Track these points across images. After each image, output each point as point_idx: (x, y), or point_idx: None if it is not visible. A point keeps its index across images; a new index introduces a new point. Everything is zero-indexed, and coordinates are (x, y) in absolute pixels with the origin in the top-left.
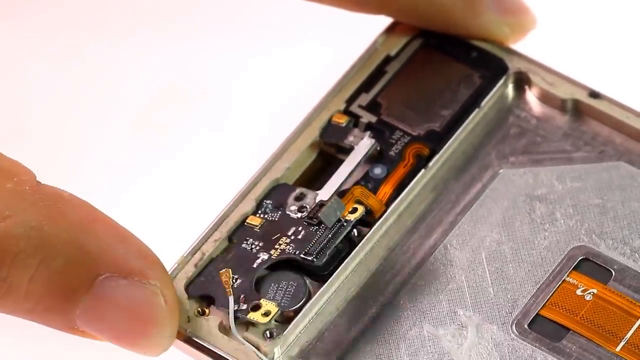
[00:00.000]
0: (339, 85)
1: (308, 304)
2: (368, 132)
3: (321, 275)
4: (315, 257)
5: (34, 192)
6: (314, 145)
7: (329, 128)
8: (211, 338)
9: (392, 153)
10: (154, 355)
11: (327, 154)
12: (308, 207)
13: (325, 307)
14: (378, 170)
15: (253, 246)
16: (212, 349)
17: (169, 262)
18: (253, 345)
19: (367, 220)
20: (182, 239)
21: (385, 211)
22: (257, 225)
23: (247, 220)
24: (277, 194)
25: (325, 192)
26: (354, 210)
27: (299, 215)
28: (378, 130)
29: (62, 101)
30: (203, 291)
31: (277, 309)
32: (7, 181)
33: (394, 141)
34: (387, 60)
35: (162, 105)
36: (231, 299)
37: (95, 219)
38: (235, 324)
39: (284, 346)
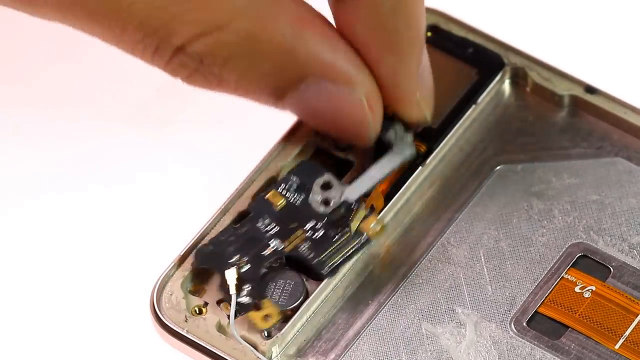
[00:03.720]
0: None
1: (306, 303)
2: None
3: (319, 274)
4: (326, 272)
5: None
6: (311, 143)
7: None
8: (209, 337)
9: None
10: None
11: (323, 151)
12: (332, 201)
13: (323, 305)
14: None
15: (268, 228)
16: (210, 349)
17: (165, 257)
18: (251, 345)
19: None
20: (179, 235)
21: (383, 208)
22: (277, 205)
23: (268, 196)
24: (305, 171)
25: (353, 192)
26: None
27: (322, 209)
28: None
29: (61, 95)
30: (208, 263)
31: (279, 316)
32: None
33: None
34: None
35: (161, 99)
36: (234, 298)
37: (306, 23)
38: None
39: (281, 345)
